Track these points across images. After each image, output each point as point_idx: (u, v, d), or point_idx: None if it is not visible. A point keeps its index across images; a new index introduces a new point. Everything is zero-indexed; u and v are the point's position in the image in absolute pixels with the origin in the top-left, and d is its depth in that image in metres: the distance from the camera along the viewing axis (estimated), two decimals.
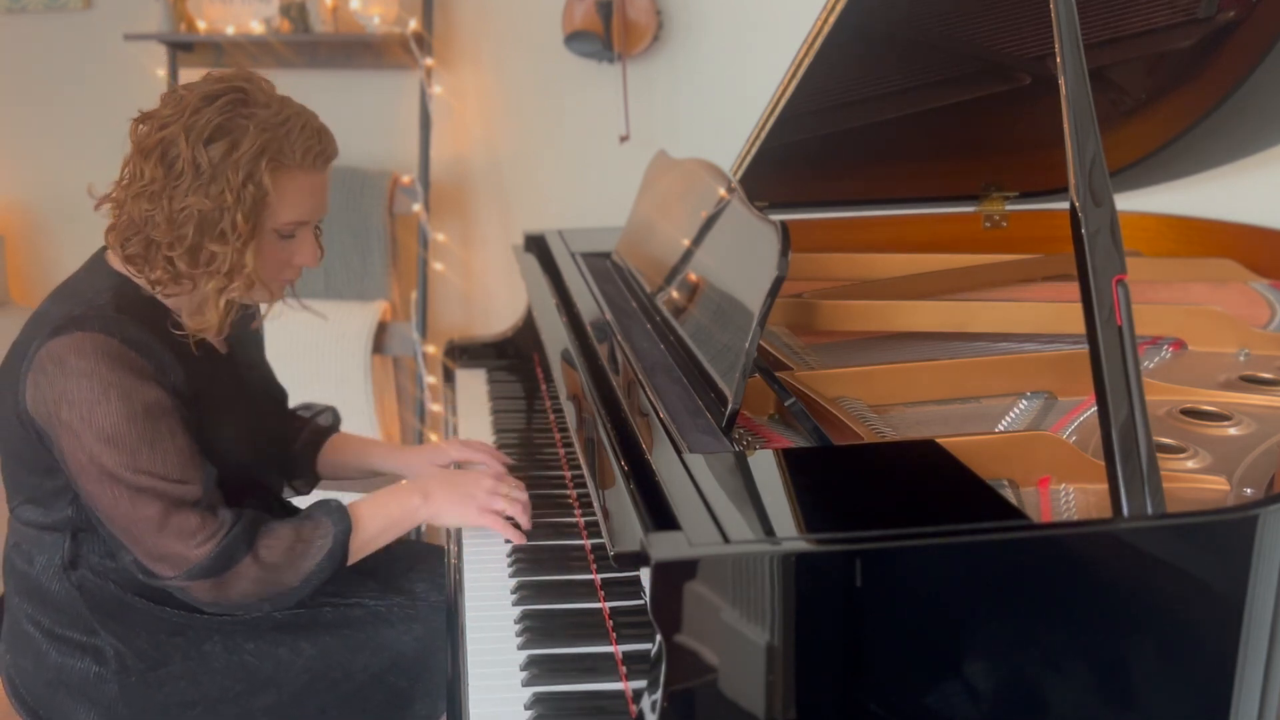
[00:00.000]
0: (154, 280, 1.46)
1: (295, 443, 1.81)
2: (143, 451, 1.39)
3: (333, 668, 1.55)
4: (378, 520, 1.53)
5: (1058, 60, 1.18)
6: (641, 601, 1.37)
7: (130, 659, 1.51)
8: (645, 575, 1.19)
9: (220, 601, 1.45)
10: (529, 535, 1.59)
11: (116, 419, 1.38)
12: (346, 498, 1.62)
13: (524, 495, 1.61)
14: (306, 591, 1.47)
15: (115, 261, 1.49)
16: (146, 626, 1.51)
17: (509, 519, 1.58)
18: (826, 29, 1.72)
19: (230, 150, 1.41)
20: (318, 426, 1.84)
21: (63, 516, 1.49)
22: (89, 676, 1.51)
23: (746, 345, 1.35)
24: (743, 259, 1.48)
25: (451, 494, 1.57)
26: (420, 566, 1.66)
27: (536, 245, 2.36)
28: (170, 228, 1.42)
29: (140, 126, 1.46)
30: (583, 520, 1.65)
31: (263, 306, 1.68)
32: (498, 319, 3.15)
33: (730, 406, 1.34)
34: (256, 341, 1.75)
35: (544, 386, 2.15)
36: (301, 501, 1.84)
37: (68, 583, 1.51)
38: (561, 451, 1.89)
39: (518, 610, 1.43)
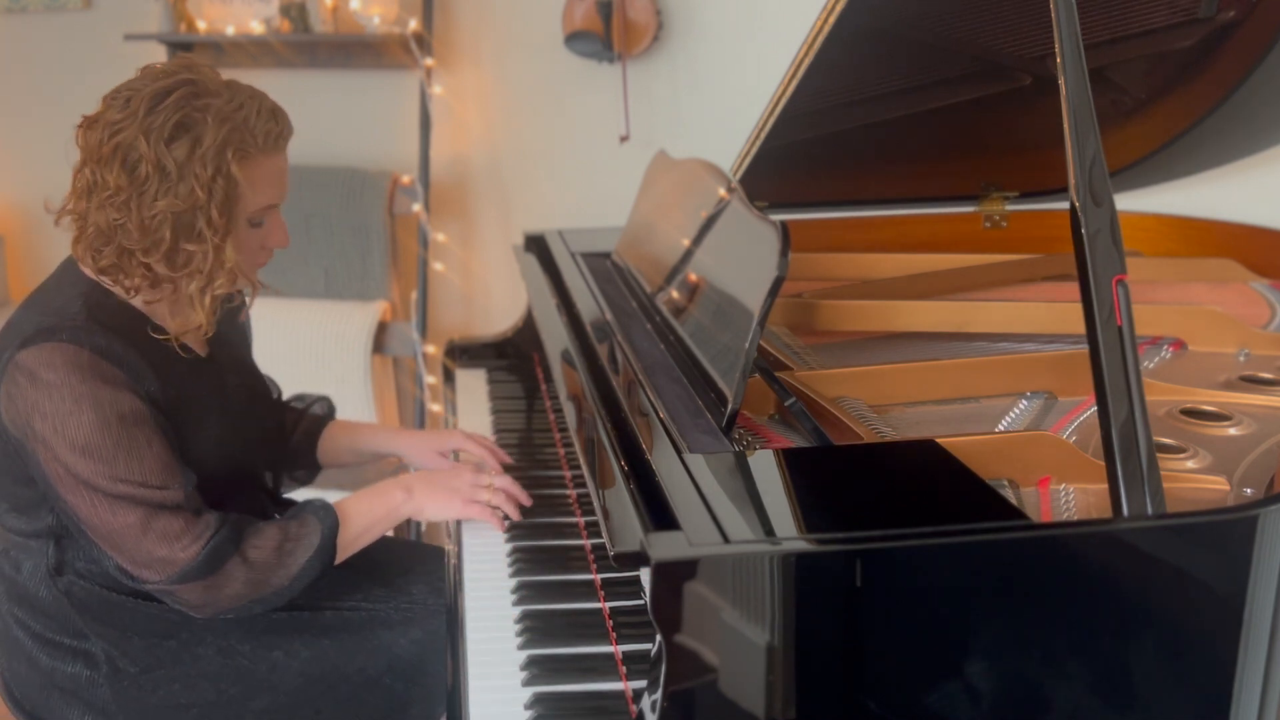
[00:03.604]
0: (131, 288, 1.44)
1: (292, 435, 1.80)
2: (119, 460, 1.37)
3: (328, 671, 1.54)
4: (363, 517, 1.53)
5: (1058, 60, 1.18)
6: (641, 601, 1.37)
7: (122, 661, 1.50)
8: (645, 575, 1.19)
9: (210, 604, 1.43)
10: (529, 535, 1.59)
11: (89, 430, 1.36)
12: (335, 498, 1.62)
13: (506, 482, 1.62)
14: (296, 590, 1.46)
15: (110, 281, 1.46)
16: (138, 629, 1.50)
17: (496, 510, 1.59)
18: (826, 29, 1.72)
19: (194, 146, 1.38)
20: (314, 417, 1.83)
21: (44, 525, 1.47)
22: (81, 680, 1.50)
23: (746, 345, 1.35)
24: (743, 259, 1.48)
25: (434, 489, 1.58)
26: (419, 569, 1.66)
27: (536, 245, 2.36)
28: (143, 234, 1.39)
29: (87, 133, 1.42)
30: (583, 520, 1.65)
31: (247, 297, 1.65)
32: (498, 319, 3.15)
33: (730, 406, 1.34)
34: (242, 338, 1.72)
35: (544, 386, 2.15)
36: (303, 494, 1.84)
37: (55, 589, 1.50)
38: (561, 451, 1.89)
39: (518, 610, 1.43)
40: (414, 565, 1.67)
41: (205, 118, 1.39)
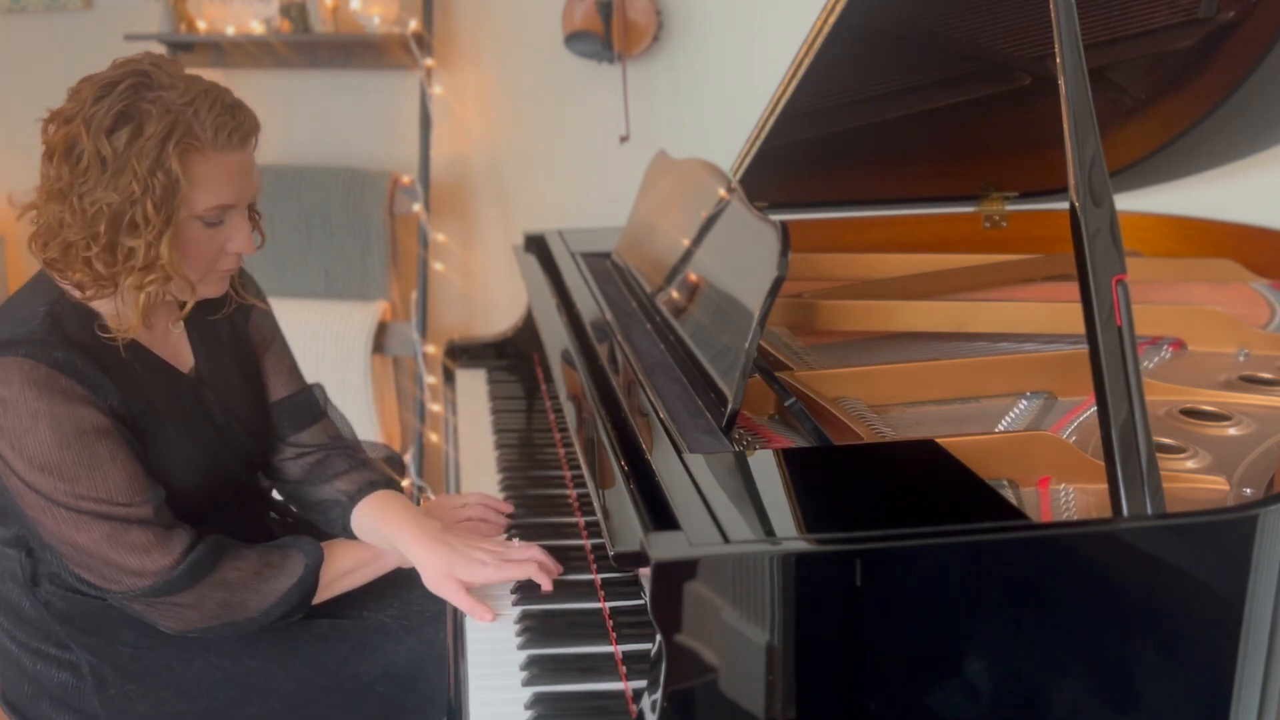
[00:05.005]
0: (76, 284, 1.39)
1: (326, 483, 1.62)
2: (81, 477, 1.34)
3: (323, 677, 1.53)
4: (351, 557, 1.52)
5: (1058, 60, 1.18)
6: (641, 601, 1.37)
7: (107, 673, 1.47)
8: (645, 575, 1.19)
9: (182, 621, 1.41)
10: (529, 535, 1.59)
11: (48, 447, 1.33)
12: None
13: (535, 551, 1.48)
14: (271, 618, 1.44)
15: (58, 276, 1.43)
16: (124, 638, 1.47)
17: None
18: (826, 29, 1.72)
19: (134, 137, 1.32)
20: (360, 483, 1.59)
21: (14, 534, 1.45)
22: (69, 689, 1.49)
23: (746, 345, 1.35)
24: (743, 259, 1.48)
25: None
26: (416, 575, 1.64)
27: (536, 245, 2.36)
28: (83, 227, 1.35)
29: (49, 126, 1.39)
30: (583, 520, 1.65)
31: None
32: (498, 319, 3.15)
33: (730, 406, 1.34)
34: (236, 354, 1.61)
35: (544, 386, 2.15)
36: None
37: (35, 600, 1.48)
38: (561, 451, 1.89)
39: (518, 610, 1.43)
40: (411, 571, 1.65)
41: (150, 109, 1.33)
